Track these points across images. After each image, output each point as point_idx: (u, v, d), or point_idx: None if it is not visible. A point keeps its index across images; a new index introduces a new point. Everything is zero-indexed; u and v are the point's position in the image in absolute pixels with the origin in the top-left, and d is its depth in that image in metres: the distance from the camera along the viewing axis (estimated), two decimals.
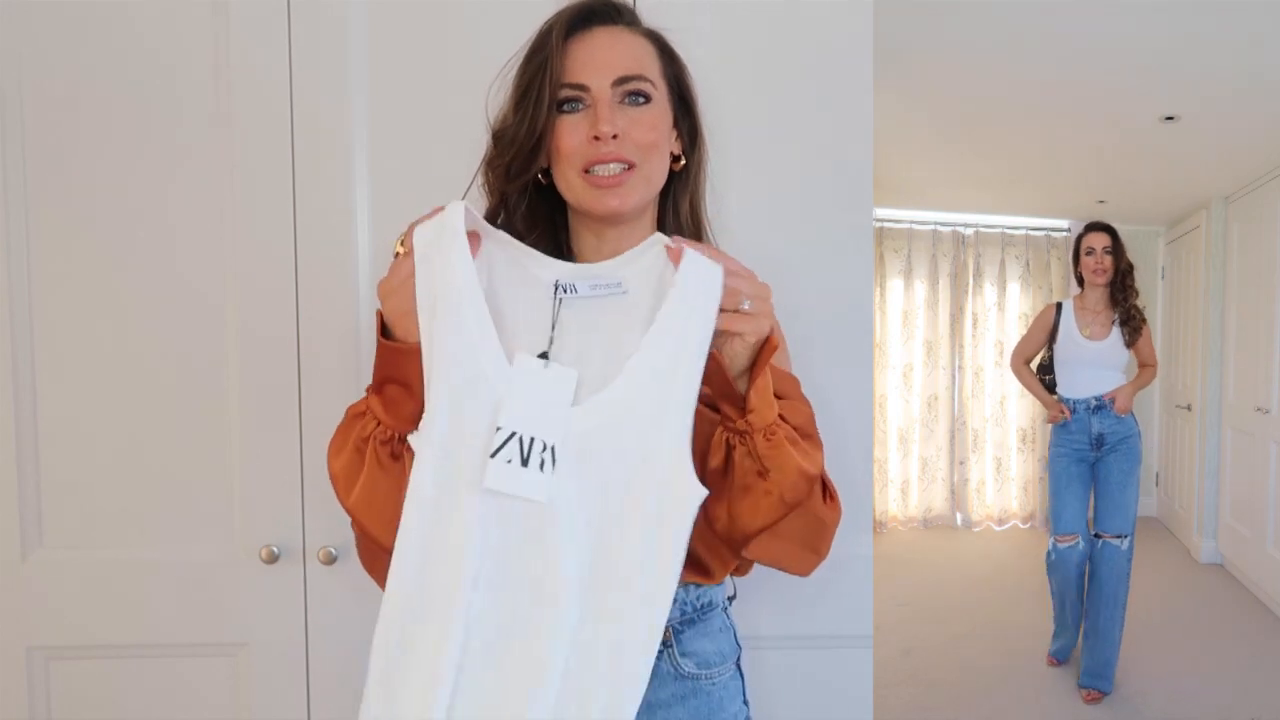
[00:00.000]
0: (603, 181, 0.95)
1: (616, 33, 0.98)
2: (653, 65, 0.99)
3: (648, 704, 0.97)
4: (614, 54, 0.96)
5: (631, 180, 0.96)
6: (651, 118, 0.97)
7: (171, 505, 1.40)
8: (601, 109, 0.95)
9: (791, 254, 1.34)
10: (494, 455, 0.84)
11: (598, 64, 0.96)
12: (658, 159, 0.99)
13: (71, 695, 1.42)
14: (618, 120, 0.95)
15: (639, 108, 0.97)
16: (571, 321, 0.89)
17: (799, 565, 0.99)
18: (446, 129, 1.34)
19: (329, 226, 1.36)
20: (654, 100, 0.98)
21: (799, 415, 0.94)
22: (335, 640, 1.41)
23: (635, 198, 0.97)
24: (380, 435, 0.92)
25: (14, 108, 1.36)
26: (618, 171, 0.95)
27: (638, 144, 0.96)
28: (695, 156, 1.05)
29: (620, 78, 0.96)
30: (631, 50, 0.98)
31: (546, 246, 0.99)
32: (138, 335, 1.38)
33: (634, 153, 0.96)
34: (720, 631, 1.06)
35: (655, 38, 1.02)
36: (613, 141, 0.94)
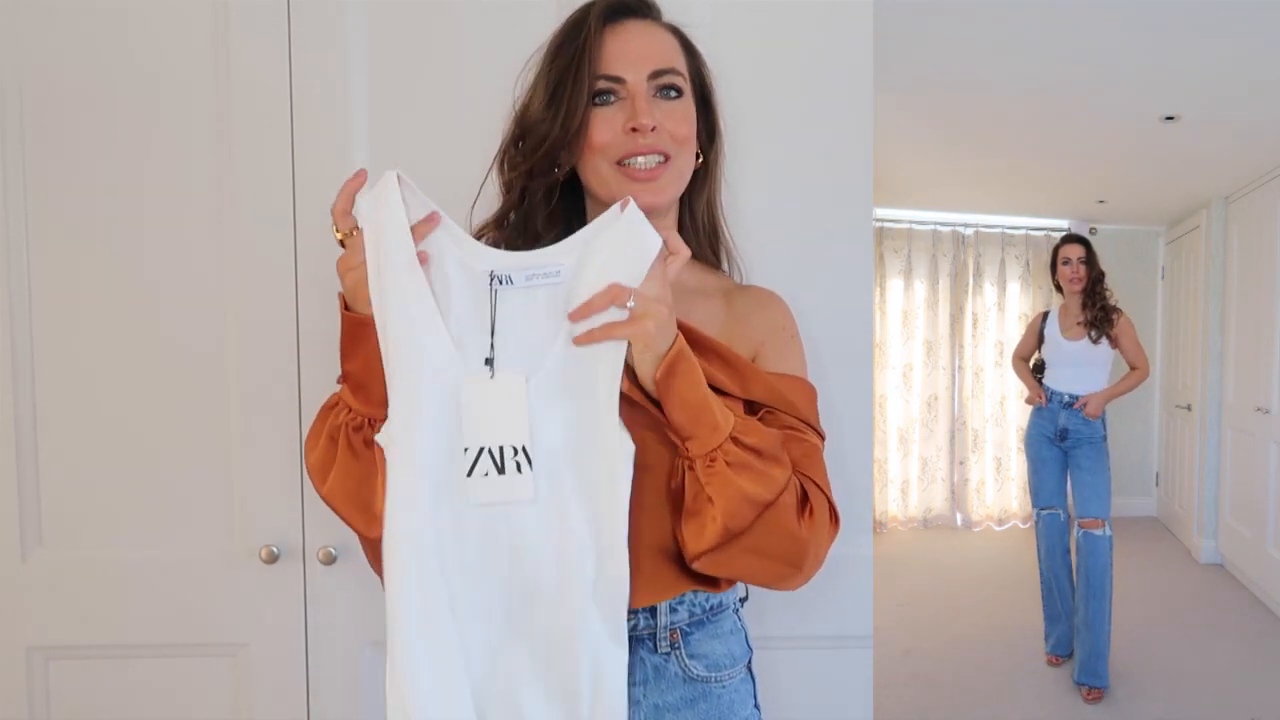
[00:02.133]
0: (639, 174, 0.95)
1: (648, 26, 0.99)
2: (680, 60, 1.00)
3: (656, 707, 0.97)
4: (649, 46, 0.97)
5: (667, 174, 0.97)
6: (685, 111, 0.98)
7: (171, 505, 1.40)
8: (639, 101, 0.94)
9: (791, 254, 1.34)
10: (470, 475, 0.85)
11: (633, 56, 0.95)
12: (688, 153, 0.99)
13: (71, 695, 1.42)
14: (654, 113, 0.95)
15: (672, 101, 0.97)
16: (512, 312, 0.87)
17: (777, 581, 0.95)
18: (447, 126, 1.34)
19: (329, 225, 1.36)
20: (685, 95, 0.98)
21: (755, 435, 0.90)
22: (335, 640, 1.41)
23: (671, 192, 0.98)
24: (352, 422, 0.92)
25: (14, 107, 1.36)
26: (654, 165, 0.95)
27: (673, 137, 0.96)
28: (713, 154, 1.06)
29: (656, 70, 0.96)
30: (664, 44, 0.98)
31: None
32: (137, 335, 1.38)
33: (670, 145, 0.96)
34: (731, 634, 1.03)
35: (679, 33, 1.02)
36: (651, 134, 0.94)
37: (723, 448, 0.87)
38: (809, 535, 0.92)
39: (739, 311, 1.05)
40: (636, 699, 0.97)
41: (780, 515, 0.90)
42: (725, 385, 0.95)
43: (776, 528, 0.90)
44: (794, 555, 0.92)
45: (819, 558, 0.95)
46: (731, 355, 0.97)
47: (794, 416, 0.98)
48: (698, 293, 1.05)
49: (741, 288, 1.10)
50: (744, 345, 1.02)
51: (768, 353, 1.03)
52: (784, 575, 0.94)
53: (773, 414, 0.97)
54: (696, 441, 0.88)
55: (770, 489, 0.88)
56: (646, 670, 0.97)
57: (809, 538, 0.92)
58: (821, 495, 0.96)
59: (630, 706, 0.96)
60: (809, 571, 0.95)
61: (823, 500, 0.96)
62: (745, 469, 0.88)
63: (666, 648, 0.98)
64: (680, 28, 1.03)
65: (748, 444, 0.89)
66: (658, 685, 0.98)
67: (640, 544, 0.95)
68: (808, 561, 0.93)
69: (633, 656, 0.97)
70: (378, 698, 1.42)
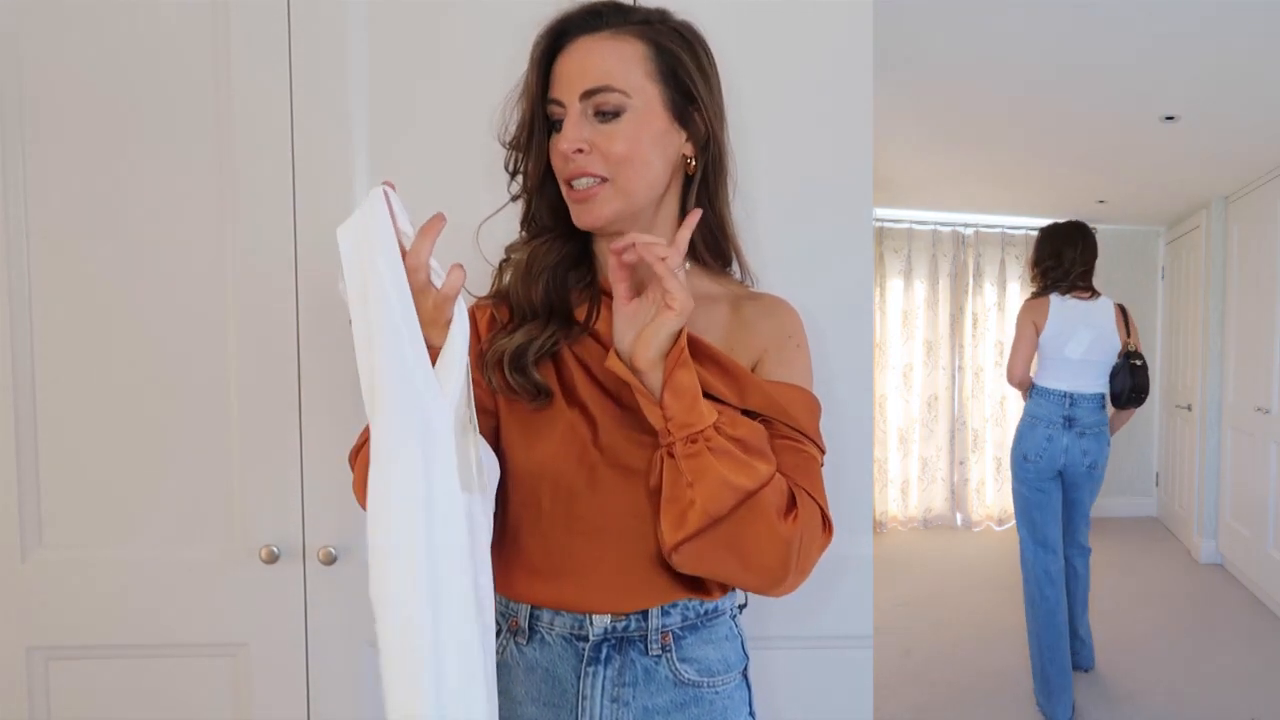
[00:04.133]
0: (575, 195, 0.96)
1: (594, 41, 0.95)
2: (633, 69, 0.94)
3: (645, 709, 0.97)
4: (585, 65, 0.94)
5: (603, 194, 0.95)
6: (623, 130, 0.94)
7: (171, 505, 1.40)
8: (568, 124, 0.94)
9: (791, 254, 1.34)
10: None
11: (569, 77, 0.94)
12: (635, 171, 0.95)
13: (71, 695, 1.42)
14: (585, 133, 0.94)
15: (608, 123, 0.94)
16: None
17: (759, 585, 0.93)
18: (447, 126, 1.34)
19: (329, 226, 1.35)
20: (628, 111, 0.94)
21: (741, 427, 0.91)
22: (335, 640, 1.41)
23: (608, 211, 0.96)
24: None
25: (13, 109, 1.36)
26: (588, 185, 0.95)
27: (607, 158, 0.94)
28: (707, 158, 1.00)
29: (586, 91, 0.93)
30: (604, 60, 0.94)
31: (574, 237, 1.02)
32: (137, 335, 1.38)
33: (603, 167, 0.94)
34: (726, 640, 1.02)
35: (648, 35, 0.96)
36: (578, 156, 0.94)
37: (704, 433, 0.88)
38: (791, 535, 0.90)
39: (745, 319, 1.03)
40: (626, 700, 0.97)
41: (761, 508, 0.89)
42: (723, 394, 0.95)
43: (756, 522, 0.89)
44: (776, 556, 0.90)
45: (805, 566, 0.93)
46: (729, 363, 0.97)
47: (791, 427, 0.97)
48: (700, 300, 1.03)
49: (752, 295, 1.07)
50: (746, 353, 1.00)
51: (770, 359, 1.01)
52: (766, 579, 0.92)
53: (769, 424, 0.96)
54: (676, 422, 0.88)
55: (752, 478, 0.88)
56: (636, 672, 0.97)
57: (791, 538, 0.90)
58: (812, 502, 0.95)
59: (620, 707, 0.97)
60: (793, 580, 0.93)
61: (813, 507, 0.94)
62: (727, 456, 0.88)
63: (658, 650, 0.98)
64: (660, 24, 0.98)
65: (732, 434, 0.89)
66: (647, 687, 0.97)
67: (634, 550, 0.95)
68: (791, 566, 0.91)
69: (623, 658, 0.97)
70: (378, 698, 1.42)
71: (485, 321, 1.04)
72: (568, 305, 1.01)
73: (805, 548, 0.92)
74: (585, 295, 1.03)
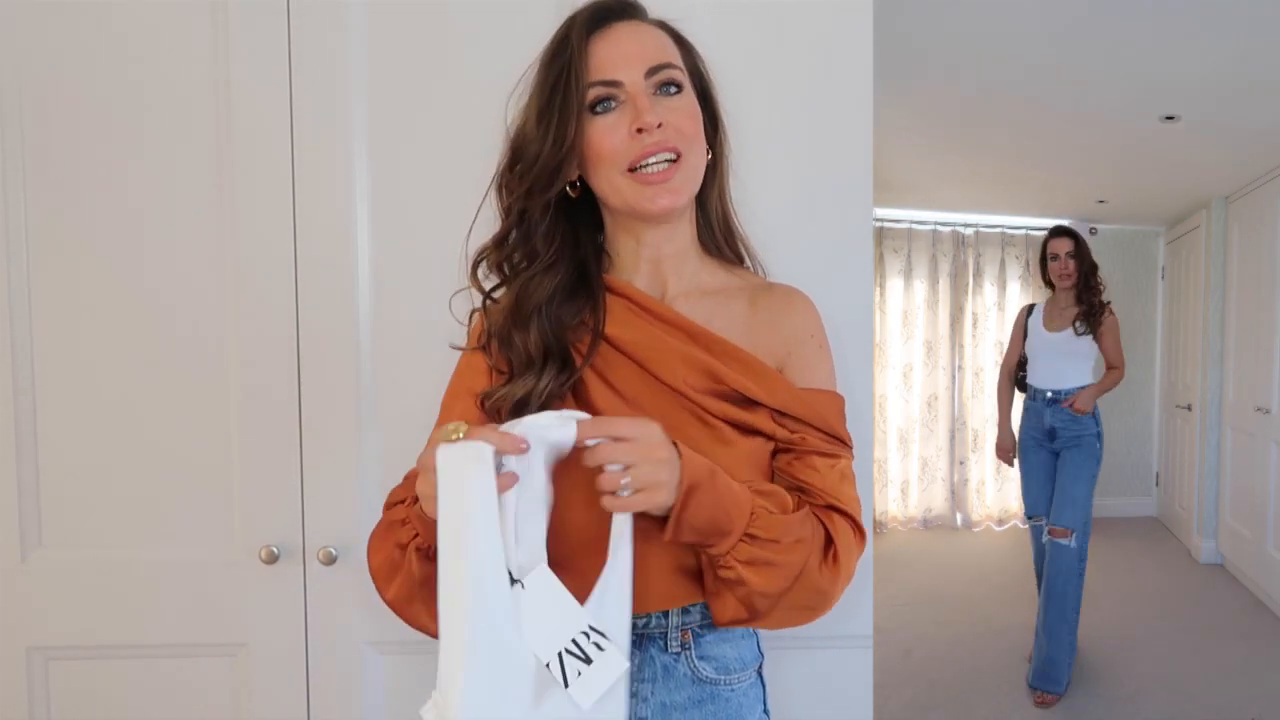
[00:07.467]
0: (653, 178, 0.93)
1: (636, 26, 0.96)
2: (675, 54, 0.97)
3: (663, 705, 0.97)
4: (641, 44, 0.94)
5: (680, 173, 0.94)
6: (688, 106, 0.95)
7: (171, 505, 1.40)
8: (641, 100, 0.92)
9: (791, 254, 1.34)
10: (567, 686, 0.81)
11: (627, 57, 0.93)
12: (699, 150, 0.96)
13: (71, 695, 1.42)
14: (658, 110, 0.92)
15: (674, 97, 0.94)
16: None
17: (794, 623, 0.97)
18: (447, 131, 1.34)
19: (329, 228, 1.36)
20: (686, 89, 0.96)
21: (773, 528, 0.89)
22: (335, 640, 1.41)
23: (686, 192, 0.95)
24: (419, 544, 0.90)
25: (13, 112, 1.36)
26: (665, 165, 0.93)
27: (680, 132, 0.93)
28: (720, 147, 1.03)
29: (653, 67, 0.93)
30: (655, 40, 0.96)
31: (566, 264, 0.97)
32: (137, 336, 1.38)
33: (679, 142, 0.93)
34: (743, 638, 1.03)
35: (669, 29, 1.00)
36: (658, 131, 0.92)
37: (734, 550, 0.88)
38: (830, 586, 0.94)
39: (764, 316, 1.02)
40: (645, 696, 0.97)
41: (804, 578, 0.91)
42: (754, 393, 0.95)
43: (800, 591, 0.92)
44: (815, 604, 0.95)
45: (841, 592, 0.97)
46: (754, 362, 0.97)
47: (825, 433, 0.98)
48: (718, 294, 1.03)
49: (767, 286, 1.06)
50: (770, 354, 1.00)
51: (794, 363, 1.01)
52: (806, 620, 0.97)
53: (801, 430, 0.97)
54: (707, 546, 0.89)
55: (786, 577, 0.90)
56: (656, 668, 0.97)
57: (830, 588, 0.94)
58: (845, 522, 0.97)
59: (639, 703, 0.97)
60: (825, 609, 0.97)
61: (846, 528, 0.97)
62: (761, 566, 0.89)
63: (677, 648, 0.98)
64: (670, 22, 1.01)
65: (764, 538, 0.89)
66: (666, 684, 0.98)
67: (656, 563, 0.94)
68: (830, 605, 0.96)
69: (643, 654, 0.97)
70: (378, 698, 1.42)
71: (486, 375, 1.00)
72: (565, 344, 0.96)
73: (845, 572, 0.96)
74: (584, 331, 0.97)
